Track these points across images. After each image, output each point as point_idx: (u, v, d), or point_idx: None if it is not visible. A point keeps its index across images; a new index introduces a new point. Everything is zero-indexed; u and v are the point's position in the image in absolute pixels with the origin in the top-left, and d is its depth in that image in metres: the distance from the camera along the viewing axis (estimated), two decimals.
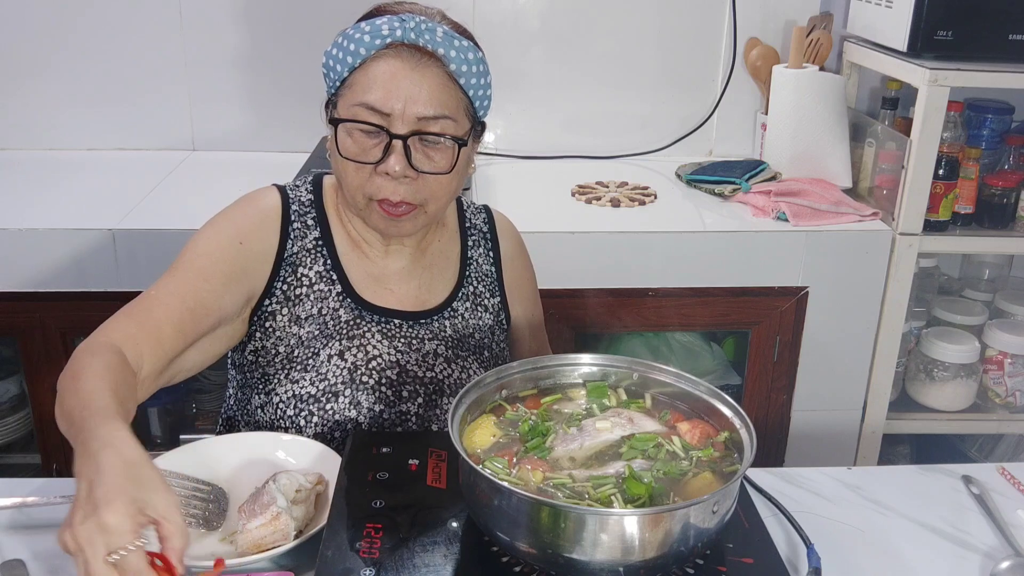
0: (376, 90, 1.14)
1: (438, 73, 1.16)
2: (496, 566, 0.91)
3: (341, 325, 1.24)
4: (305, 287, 1.25)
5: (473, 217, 1.41)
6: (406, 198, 1.17)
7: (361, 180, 1.18)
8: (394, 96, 1.14)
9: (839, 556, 1.05)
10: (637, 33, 2.31)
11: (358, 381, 1.22)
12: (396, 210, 1.19)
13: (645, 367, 1.09)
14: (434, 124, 1.16)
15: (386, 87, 1.14)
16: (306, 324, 1.24)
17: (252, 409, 1.26)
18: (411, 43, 1.14)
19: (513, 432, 1.01)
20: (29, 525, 1.07)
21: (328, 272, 1.26)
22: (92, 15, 2.21)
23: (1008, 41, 1.94)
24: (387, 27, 1.15)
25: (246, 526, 0.99)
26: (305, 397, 1.21)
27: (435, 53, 1.15)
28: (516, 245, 1.44)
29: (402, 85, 1.14)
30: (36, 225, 1.81)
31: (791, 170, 2.15)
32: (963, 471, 1.23)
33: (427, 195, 1.19)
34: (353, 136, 1.17)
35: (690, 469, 0.96)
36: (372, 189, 1.18)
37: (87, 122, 2.30)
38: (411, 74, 1.14)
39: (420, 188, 1.18)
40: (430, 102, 1.15)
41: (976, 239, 2.08)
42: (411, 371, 1.25)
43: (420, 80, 1.14)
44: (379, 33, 1.14)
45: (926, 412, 2.18)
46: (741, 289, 1.97)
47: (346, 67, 1.17)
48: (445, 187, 1.20)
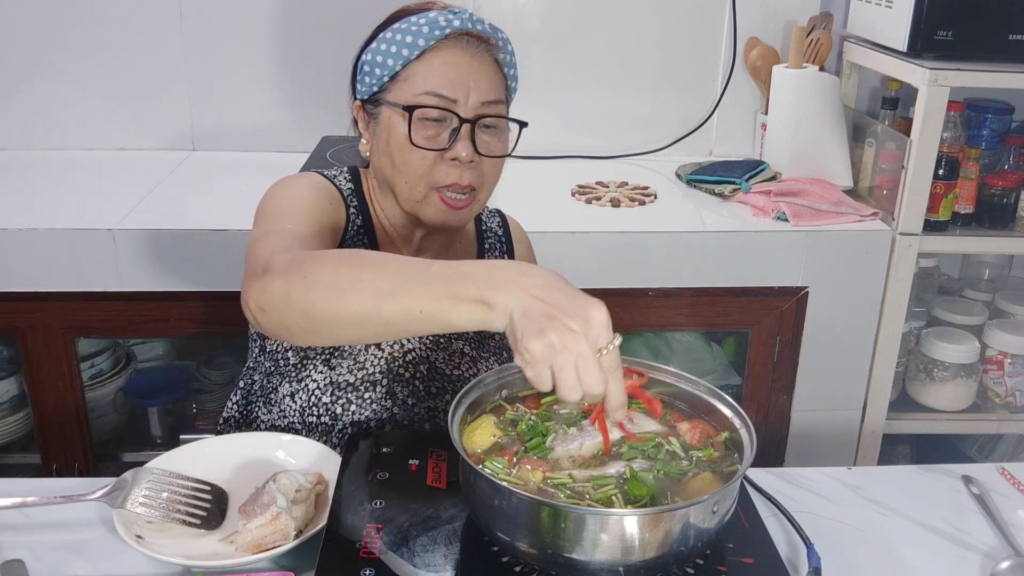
0: (442, 77, 1.17)
1: (492, 60, 1.21)
2: (496, 566, 0.91)
3: None
4: None
5: (488, 220, 1.44)
6: (472, 182, 1.20)
7: (426, 168, 1.19)
8: (459, 83, 1.17)
9: (839, 556, 1.05)
10: (637, 33, 2.31)
11: (395, 372, 1.24)
12: (459, 200, 1.20)
13: (645, 367, 1.09)
14: (494, 108, 1.21)
15: (451, 74, 1.17)
16: None
17: (280, 397, 1.26)
18: (469, 32, 1.18)
19: (513, 432, 1.01)
20: (29, 525, 1.07)
21: None
22: (92, 15, 2.21)
23: (1008, 41, 1.94)
24: (443, 19, 1.18)
25: (246, 526, 0.99)
26: (343, 385, 1.23)
27: (489, 40, 1.20)
28: (527, 249, 1.48)
29: (465, 72, 1.18)
30: (36, 225, 1.81)
31: (791, 170, 2.15)
32: (963, 471, 1.23)
33: (482, 181, 1.23)
34: (417, 124, 1.18)
35: (690, 469, 0.96)
36: (438, 176, 1.19)
37: (87, 122, 2.30)
38: (472, 61, 1.19)
39: (480, 174, 1.22)
40: (491, 87, 1.20)
41: (976, 239, 2.08)
42: (440, 368, 1.28)
43: (480, 67, 1.19)
44: (437, 24, 1.18)
45: (926, 412, 2.18)
46: (741, 289, 1.97)
47: (400, 60, 1.18)
48: (497, 173, 1.25)
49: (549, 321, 0.79)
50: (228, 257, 1.80)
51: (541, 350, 0.79)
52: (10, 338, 1.98)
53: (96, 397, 2.06)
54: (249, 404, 1.34)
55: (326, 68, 2.25)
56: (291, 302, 0.91)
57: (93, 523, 1.07)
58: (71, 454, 1.95)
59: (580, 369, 0.79)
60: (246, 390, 1.35)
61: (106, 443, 2.11)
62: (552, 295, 0.81)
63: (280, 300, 0.92)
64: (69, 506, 1.07)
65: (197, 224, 1.83)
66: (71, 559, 1.02)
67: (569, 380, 0.79)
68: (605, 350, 0.80)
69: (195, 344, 2.30)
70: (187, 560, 0.97)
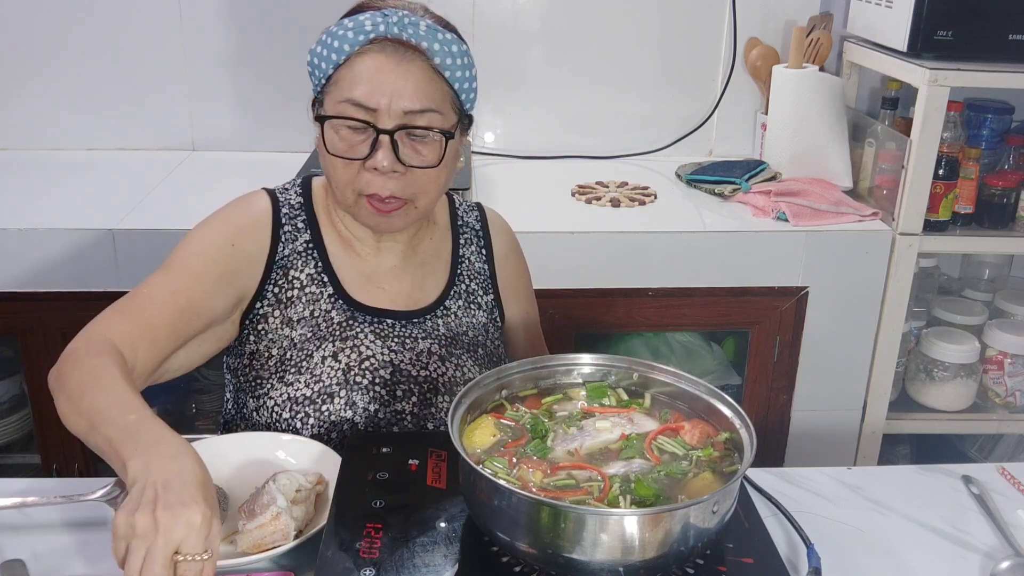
0: (361, 86, 1.15)
1: (423, 67, 1.16)
2: (496, 566, 0.91)
3: (334, 326, 1.24)
4: (296, 289, 1.25)
5: (465, 215, 1.41)
6: (395, 192, 1.18)
7: (350, 176, 1.18)
8: (379, 91, 1.14)
9: (839, 556, 1.05)
10: (637, 33, 2.31)
11: (352, 382, 1.22)
12: (385, 205, 1.19)
13: (645, 367, 1.09)
14: (420, 118, 1.16)
15: (371, 82, 1.14)
16: (298, 326, 1.24)
17: (248, 413, 1.27)
18: (395, 37, 1.15)
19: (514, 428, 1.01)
20: (29, 525, 1.07)
21: (319, 274, 1.26)
22: (92, 15, 2.22)
23: (1008, 41, 1.94)
24: (370, 23, 1.15)
25: (246, 526, 0.99)
26: (300, 399, 1.21)
27: (419, 47, 1.16)
28: (509, 242, 1.44)
29: (387, 80, 1.14)
30: (36, 225, 1.81)
31: (791, 170, 2.15)
32: (963, 471, 1.23)
33: (416, 190, 1.20)
34: (340, 133, 1.17)
35: (690, 469, 0.96)
36: (361, 185, 1.18)
37: (87, 122, 2.31)
38: (396, 68, 1.15)
39: (409, 183, 1.18)
40: (416, 96, 1.15)
41: (976, 239, 2.08)
42: (405, 370, 1.25)
43: (405, 74, 1.15)
44: (362, 29, 1.15)
45: (926, 412, 2.18)
46: (741, 289, 1.97)
47: (331, 64, 1.17)
48: (434, 181, 1.21)
49: (147, 503, 0.82)
50: None
51: (122, 525, 0.81)
52: (10, 338, 1.98)
53: None
54: (228, 420, 1.34)
55: None
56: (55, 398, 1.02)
57: (93, 523, 1.07)
58: (71, 454, 1.95)
59: (147, 560, 0.79)
60: (227, 402, 1.36)
61: None
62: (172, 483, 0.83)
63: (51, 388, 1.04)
64: (69, 506, 1.07)
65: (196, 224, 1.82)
66: (71, 559, 1.02)
67: (133, 565, 0.80)
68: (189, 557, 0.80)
69: None
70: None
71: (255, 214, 1.27)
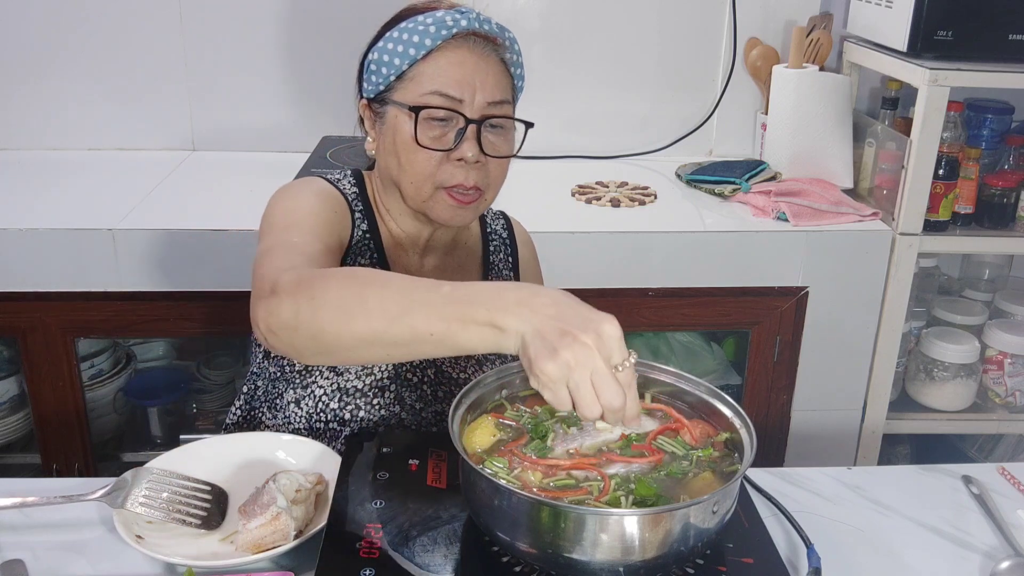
0: (448, 77, 1.17)
1: (499, 60, 1.21)
2: (496, 566, 0.91)
3: None
4: None
5: (493, 222, 1.44)
6: (478, 183, 1.20)
7: (432, 168, 1.19)
8: (466, 83, 1.17)
9: (839, 556, 1.05)
10: (637, 33, 2.31)
11: (403, 377, 1.24)
12: (466, 196, 1.21)
13: (645, 367, 1.09)
14: (500, 108, 1.20)
15: (457, 74, 1.17)
16: None
17: (284, 404, 1.26)
18: (476, 31, 1.18)
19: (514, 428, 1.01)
20: (29, 525, 1.07)
21: (373, 267, 1.27)
22: (92, 15, 2.21)
23: (1008, 41, 1.94)
24: (450, 18, 1.18)
25: (246, 526, 0.99)
26: (351, 390, 1.23)
27: (496, 40, 1.20)
28: (531, 252, 1.48)
29: (472, 72, 1.18)
30: (36, 225, 1.81)
31: (791, 170, 2.15)
32: (963, 471, 1.23)
33: (490, 181, 1.23)
34: (423, 125, 1.18)
35: (690, 469, 0.96)
36: (444, 176, 1.19)
37: (87, 122, 2.30)
38: (479, 61, 1.18)
39: (486, 174, 1.22)
40: (496, 87, 1.19)
41: (976, 239, 2.08)
42: (447, 372, 1.28)
43: (487, 67, 1.19)
44: (444, 24, 1.18)
45: (926, 412, 2.18)
46: (741, 289, 1.97)
47: (407, 60, 1.18)
48: (503, 173, 1.25)
49: (561, 339, 0.78)
50: (228, 257, 1.80)
51: (556, 370, 0.78)
52: (10, 338, 1.98)
53: (96, 397, 2.06)
54: (253, 410, 1.34)
55: (326, 68, 2.25)
56: (299, 325, 0.91)
57: (93, 523, 1.07)
58: (71, 454, 1.95)
59: (597, 385, 0.78)
60: (249, 395, 1.34)
61: (106, 443, 2.11)
62: (563, 312, 0.81)
63: (288, 323, 0.92)
64: (69, 506, 1.07)
65: (197, 224, 1.83)
66: (71, 559, 1.02)
67: (587, 397, 0.78)
68: (621, 367, 0.79)
69: (195, 344, 2.30)
70: (187, 560, 0.97)
71: (336, 195, 1.26)
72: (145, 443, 2.15)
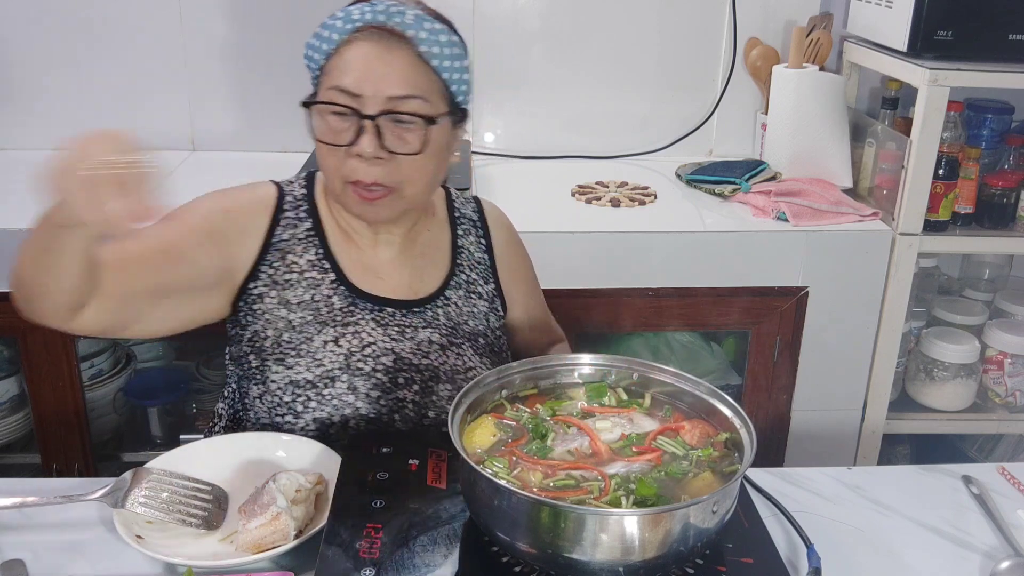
0: (348, 73, 1.17)
1: (408, 54, 1.18)
2: (496, 566, 0.91)
3: (335, 312, 1.26)
4: (296, 274, 1.27)
5: (462, 207, 1.42)
6: (379, 180, 1.18)
7: (336, 163, 1.19)
8: (365, 78, 1.16)
9: (839, 556, 1.05)
10: (637, 33, 2.31)
11: (354, 367, 1.23)
12: (370, 193, 1.20)
13: (645, 367, 1.09)
14: (404, 104, 1.17)
15: (357, 69, 1.16)
16: (297, 309, 1.25)
17: (251, 400, 1.27)
18: (380, 25, 1.17)
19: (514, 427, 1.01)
20: (29, 525, 1.07)
21: (320, 261, 1.28)
22: (92, 15, 2.21)
23: (1008, 41, 1.94)
24: (357, 12, 1.18)
25: (246, 526, 1.00)
26: (302, 383, 1.22)
27: (405, 35, 1.17)
28: (509, 234, 1.45)
29: (373, 67, 1.16)
30: None
31: (791, 170, 2.15)
32: (963, 471, 1.23)
33: (401, 178, 1.20)
34: (327, 120, 1.19)
35: (690, 469, 0.96)
36: (347, 171, 1.19)
37: (87, 122, 2.30)
38: (382, 55, 1.17)
39: (394, 170, 1.19)
40: (400, 82, 1.17)
41: (976, 239, 2.08)
42: (406, 359, 1.26)
43: (390, 61, 1.17)
44: (350, 18, 1.18)
45: (926, 412, 2.18)
46: (741, 289, 1.97)
47: (322, 55, 1.20)
48: (420, 170, 1.21)
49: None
50: None
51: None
52: (10, 338, 1.98)
53: (96, 397, 2.06)
54: (235, 412, 1.34)
55: None
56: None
57: (93, 523, 1.07)
58: (71, 454, 1.95)
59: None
60: (230, 399, 1.36)
61: (106, 443, 2.11)
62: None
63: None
64: (69, 506, 1.07)
65: None
66: (71, 559, 1.02)
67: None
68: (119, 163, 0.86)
69: (195, 344, 2.30)
70: (187, 560, 0.97)
71: (257, 194, 1.30)
72: (145, 443, 2.15)
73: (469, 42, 1.25)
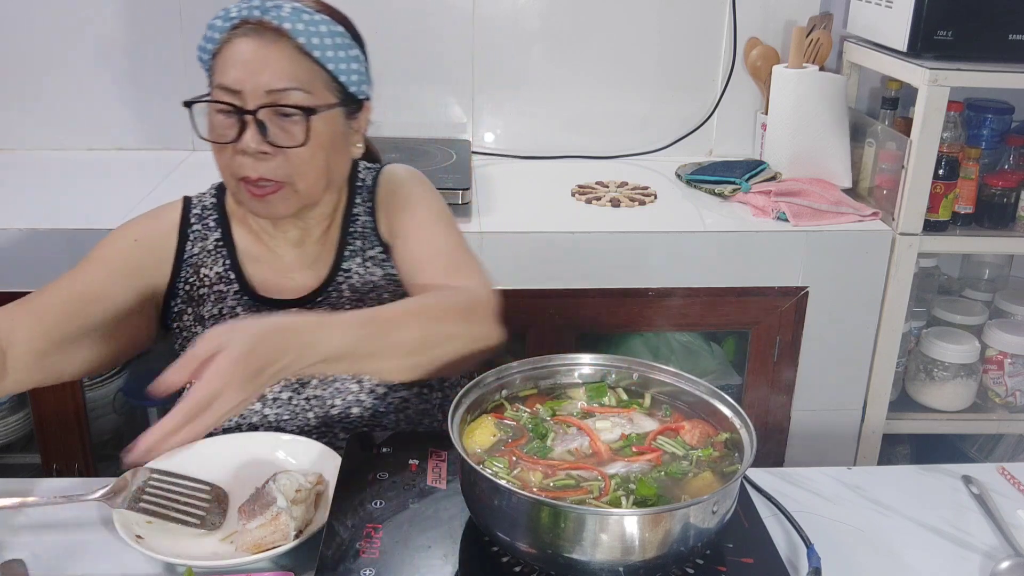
0: (228, 70, 1.16)
1: (287, 47, 1.16)
2: (496, 566, 0.91)
3: None
4: (206, 287, 1.28)
5: (365, 177, 1.36)
6: (265, 175, 1.17)
7: (226, 161, 1.19)
8: (244, 73, 1.15)
9: (839, 556, 1.05)
10: (637, 33, 2.31)
11: None
12: (259, 189, 1.19)
13: (645, 367, 1.09)
14: (284, 97, 1.16)
15: (236, 66, 1.16)
16: (207, 324, 1.27)
17: None
18: (256, 20, 1.16)
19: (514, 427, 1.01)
20: (29, 525, 1.07)
21: (227, 272, 1.29)
22: (93, 15, 2.21)
23: (1008, 41, 1.94)
24: (235, 9, 1.18)
25: (246, 526, 1.00)
26: None
27: (281, 28, 1.16)
28: (394, 185, 1.34)
29: (251, 62, 1.16)
30: (36, 225, 1.81)
31: (791, 170, 2.15)
32: (963, 471, 1.23)
33: (291, 171, 1.18)
34: (214, 119, 1.19)
35: (690, 469, 0.96)
36: (235, 168, 1.19)
37: (87, 122, 2.30)
38: (259, 50, 1.16)
39: (281, 164, 1.18)
40: (279, 75, 1.16)
41: (976, 239, 2.08)
42: None
43: (268, 55, 1.16)
44: (228, 16, 1.18)
45: (926, 412, 2.18)
46: (741, 289, 1.97)
47: (208, 55, 1.20)
48: (309, 162, 1.19)
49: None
50: None
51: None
52: None
53: (96, 397, 2.06)
54: None
55: None
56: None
57: (93, 523, 1.07)
58: (71, 454, 1.95)
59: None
60: None
61: (106, 443, 2.11)
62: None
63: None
64: (69, 506, 1.07)
65: None
66: (71, 559, 1.02)
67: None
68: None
69: None
70: (187, 560, 0.97)
71: (163, 215, 1.33)
72: None
73: (469, 42, 1.25)
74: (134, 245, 1.28)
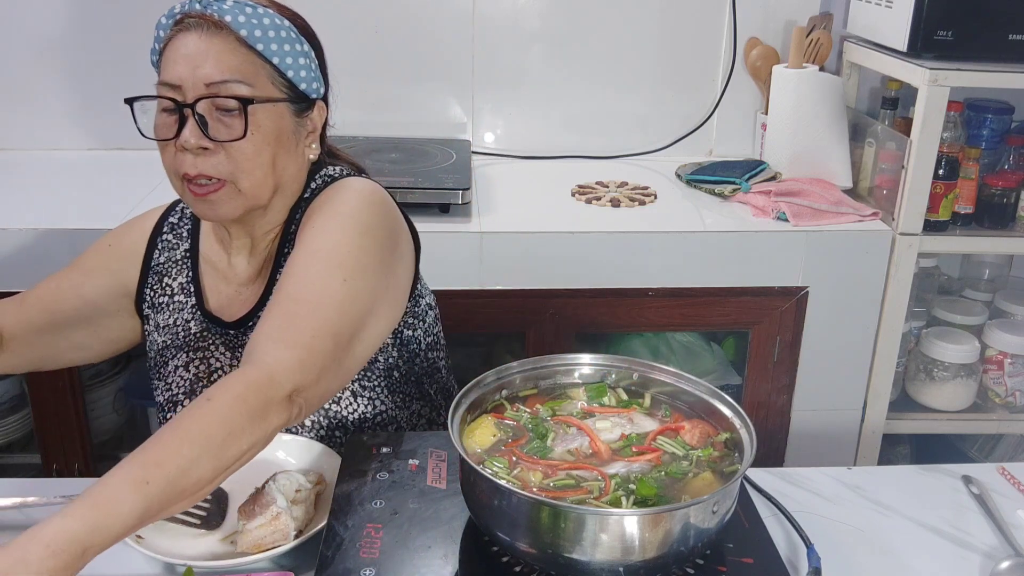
0: (169, 66, 1.14)
1: (227, 40, 1.13)
2: (496, 566, 0.92)
3: (191, 337, 1.28)
4: (167, 297, 1.30)
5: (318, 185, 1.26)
6: (205, 171, 1.13)
7: (169, 159, 1.17)
8: (183, 68, 1.13)
9: (839, 556, 1.05)
10: (637, 33, 2.31)
11: (197, 392, 1.24)
12: (200, 188, 1.15)
13: (645, 367, 1.09)
14: (223, 88, 1.12)
15: (176, 61, 1.14)
16: (163, 333, 1.29)
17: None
18: (197, 14, 1.14)
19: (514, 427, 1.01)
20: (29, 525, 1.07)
21: (188, 284, 1.29)
22: (91, 15, 2.21)
23: (1008, 41, 1.94)
24: (178, 5, 1.16)
25: (246, 526, 1.00)
26: (163, 405, 1.29)
27: (222, 21, 1.13)
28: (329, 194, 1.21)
29: (191, 56, 1.13)
30: (36, 225, 1.81)
31: (791, 170, 2.15)
32: (963, 471, 1.23)
33: (232, 168, 1.13)
34: (158, 117, 1.18)
35: (690, 469, 0.96)
36: (177, 166, 1.15)
37: (87, 122, 2.30)
38: (198, 44, 1.13)
39: (223, 161, 1.14)
40: (217, 68, 1.12)
41: (976, 239, 2.08)
42: None
43: (207, 48, 1.13)
44: (172, 13, 1.16)
45: (926, 412, 2.18)
46: (741, 289, 1.97)
47: (157, 54, 1.19)
48: (252, 159, 1.14)
49: None
50: None
51: None
52: None
53: (96, 397, 2.06)
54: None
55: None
56: None
57: None
58: (71, 454, 1.95)
59: None
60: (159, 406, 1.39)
61: (106, 443, 2.11)
62: None
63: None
64: None
65: None
66: None
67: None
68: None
69: None
70: (187, 560, 0.97)
71: (139, 221, 1.36)
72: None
73: (469, 42, 1.24)
74: (108, 249, 1.33)
